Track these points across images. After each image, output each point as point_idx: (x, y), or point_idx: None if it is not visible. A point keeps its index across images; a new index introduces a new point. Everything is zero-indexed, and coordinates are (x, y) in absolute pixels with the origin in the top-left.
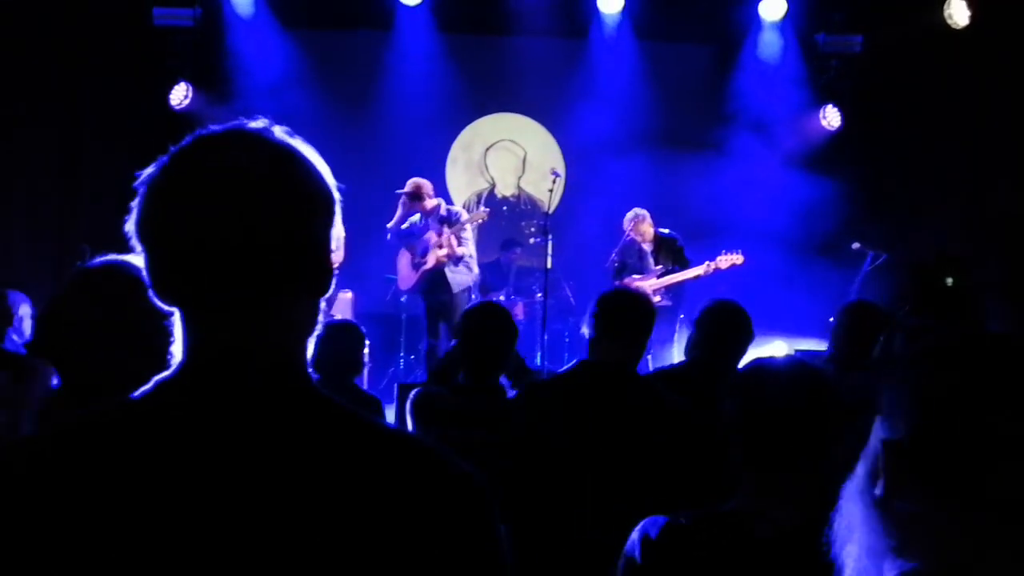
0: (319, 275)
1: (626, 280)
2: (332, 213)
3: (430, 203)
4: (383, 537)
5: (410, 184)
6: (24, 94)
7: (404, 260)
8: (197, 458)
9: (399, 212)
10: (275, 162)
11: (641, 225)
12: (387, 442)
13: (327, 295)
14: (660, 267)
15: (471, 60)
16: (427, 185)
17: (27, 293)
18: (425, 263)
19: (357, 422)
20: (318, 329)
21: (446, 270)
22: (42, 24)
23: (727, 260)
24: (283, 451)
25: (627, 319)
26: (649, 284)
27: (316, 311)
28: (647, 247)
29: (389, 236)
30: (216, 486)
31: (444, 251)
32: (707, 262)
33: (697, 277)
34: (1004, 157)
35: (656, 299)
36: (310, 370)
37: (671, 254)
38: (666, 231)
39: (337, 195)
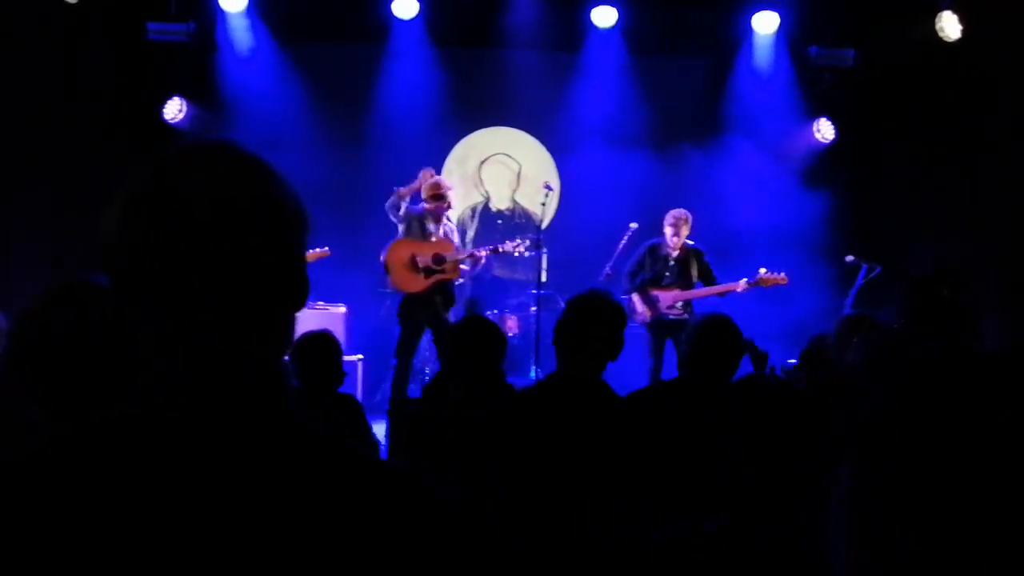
0: (298, 287)
1: (650, 290)
2: (307, 229)
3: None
4: (354, 563)
5: (439, 185)
6: (18, 108)
7: (403, 254)
8: (193, 481)
9: (414, 187)
10: (255, 174)
11: (684, 228)
12: (359, 468)
13: (301, 309)
14: (682, 280)
15: (466, 73)
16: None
17: (22, 308)
18: (442, 271)
19: (331, 446)
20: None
21: (455, 285)
22: (37, 39)
23: (770, 279)
24: (266, 475)
25: (590, 326)
26: (672, 295)
27: (294, 325)
28: (675, 254)
29: (398, 201)
30: (209, 511)
31: (465, 266)
32: (744, 279)
33: (726, 293)
34: (998, 169)
35: (677, 310)
36: (295, 381)
37: (699, 268)
38: (692, 242)
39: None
